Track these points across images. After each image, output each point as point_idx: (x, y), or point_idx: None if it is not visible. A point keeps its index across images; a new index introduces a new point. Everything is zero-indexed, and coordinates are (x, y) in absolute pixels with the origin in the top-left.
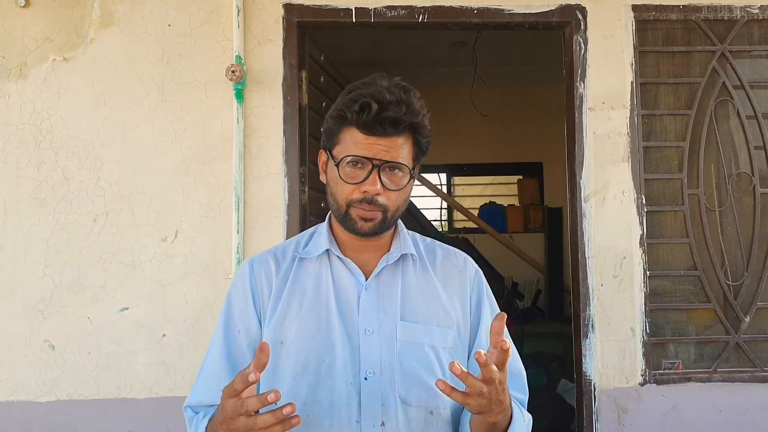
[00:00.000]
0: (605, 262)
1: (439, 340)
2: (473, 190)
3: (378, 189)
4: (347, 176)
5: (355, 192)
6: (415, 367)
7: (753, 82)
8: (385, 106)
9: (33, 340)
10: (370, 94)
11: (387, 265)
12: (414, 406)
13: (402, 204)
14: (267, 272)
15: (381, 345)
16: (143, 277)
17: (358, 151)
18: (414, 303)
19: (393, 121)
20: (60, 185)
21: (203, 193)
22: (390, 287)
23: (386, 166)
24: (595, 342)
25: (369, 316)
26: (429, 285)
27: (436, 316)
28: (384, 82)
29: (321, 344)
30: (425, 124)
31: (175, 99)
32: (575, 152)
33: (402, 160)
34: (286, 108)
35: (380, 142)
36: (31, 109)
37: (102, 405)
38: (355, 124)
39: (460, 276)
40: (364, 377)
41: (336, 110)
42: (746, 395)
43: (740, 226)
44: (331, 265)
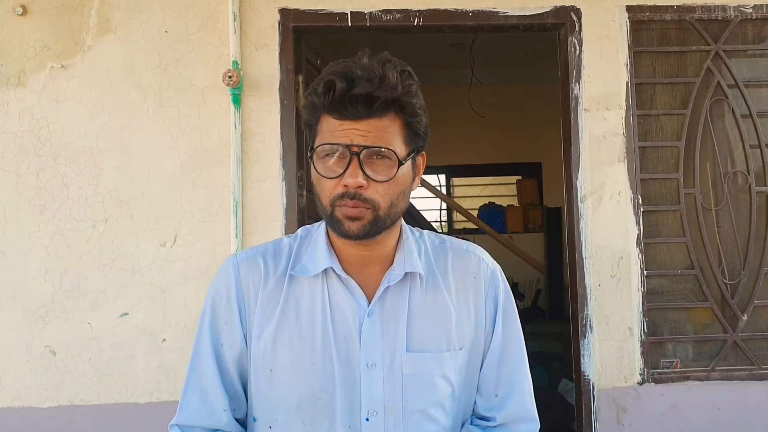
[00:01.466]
0: (602, 262)
1: (450, 366)
2: (472, 190)
3: (359, 180)
4: (325, 170)
5: (337, 187)
6: (421, 405)
7: (747, 81)
8: (354, 82)
9: (34, 346)
10: (338, 71)
11: (391, 285)
12: None
13: (397, 199)
14: (255, 280)
15: (385, 381)
16: (143, 282)
17: (332, 138)
18: (422, 328)
19: (365, 99)
20: (59, 192)
21: (202, 198)
22: (395, 311)
23: (368, 152)
24: (593, 342)
25: (372, 348)
26: (439, 302)
27: (446, 339)
28: (365, 59)
29: (316, 379)
30: (410, 99)
31: (172, 105)
32: (571, 153)
33: (386, 144)
34: (283, 112)
35: (357, 126)
36: (30, 116)
37: (103, 410)
38: (324, 109)
39: (474, 282)
40: (365, 418)
41: (306, 97)
42: (744, 393)
43: (737, 225)
44: (328, 284)
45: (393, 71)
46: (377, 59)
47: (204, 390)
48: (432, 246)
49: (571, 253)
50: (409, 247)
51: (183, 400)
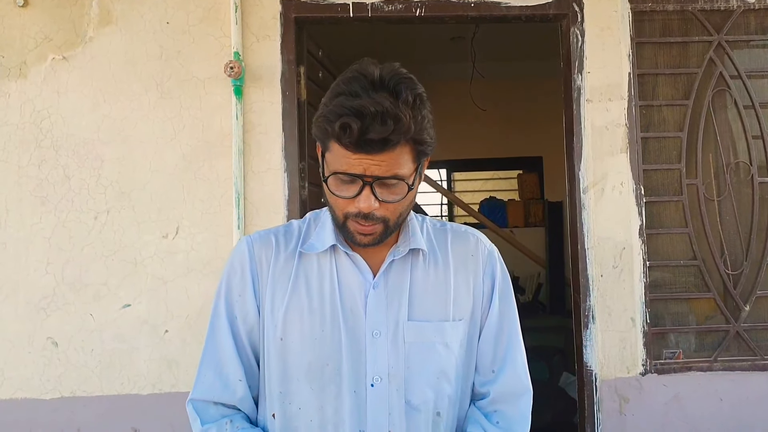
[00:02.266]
0: (605, 253)
1: (451, 335)
2: (473, 185)
3: (373, 205)
4: (338, 190)
5: (350, 206)
6: (423, 370)
7: (750, 72)
8: (369, 124)
9: (36, 337)
10: (352, 108)
11: (395, 261)
12: (422, 411)
13: (405, 210)
14: (267, 255)
15: (389, 348)
16: (145, 273)
17: (347, 167)
18: (423, 300)
19: (381, 141)
20: (61, 183)
21: (203, 190)
22: (399, 285)
23: (381, 181)
24: (595, 332)
25: (377, 318)
26: (439, 276)
27: (446, 311)
28: (375, 74)
29: (324, 347)
30: (423, 136)
31: (174, 96)
32: (573, 144)
33: (399, 172)
34: (284, 104)
35: (371, 158)
36: (32, 108)
37: (105, 401)
38: (339, 144)
39: (472, 260)
40: (371, 384)
41: (318, 120)
42: (747, 383)
43: (739, 216)
44: (336, 260)
45: (407, 109)
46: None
47: (219, 362)
48: (433, 228)
49: (573, 244)
50: (413, 227)
51: (198, 376)
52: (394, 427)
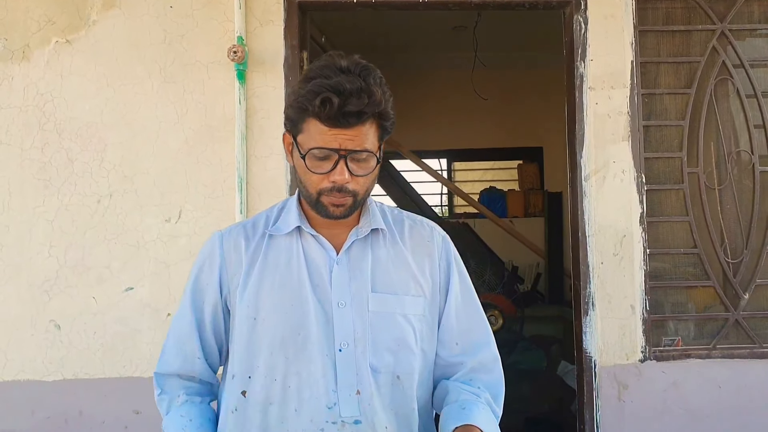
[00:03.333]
0: (605, 241)
1: (411, 308)
2: (473, 175)
3: (346, 178)
4: (314, 167)
5: (324, 181)
6: (385, 337)
7: (753, 61)
8: (347, 98)
9: (39, 320)
10: (331, 86)
11: (357, 240)
12: (382, 373)
13: (371, 184)
14: (237, 247)
15: (354, 317)
16: (148, 257)
17: (323, 142)
18: (385, 274)
19: (356, 113)
20: (64, 167)
21: (206, 174)
22: (361, 261)
23: (353, 154)
24: (595, 319)
25: (342, 290)
26: (399, 256)
27: (406, 285)
28: (343, 62)
29: (295, 318)
30: (389, 110)
31: (177, 80)
32: (576, 131)
33: (368, 146)
34: (287, 88)
35: (345, 133)
36: (35, 91)
37: (108, 384)
38: (316, 117)
39: (427, 245)
40: (339, 349)
41: (296, 101)
42: (745, 371)
43: (739, 205)
44: (302, 241)
45: (377, 86)
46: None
47: (180, 340)
48: (391, 213)
49: (574, 231)
50: (372, 209)
51: (162, 351)
52: (362, 386)
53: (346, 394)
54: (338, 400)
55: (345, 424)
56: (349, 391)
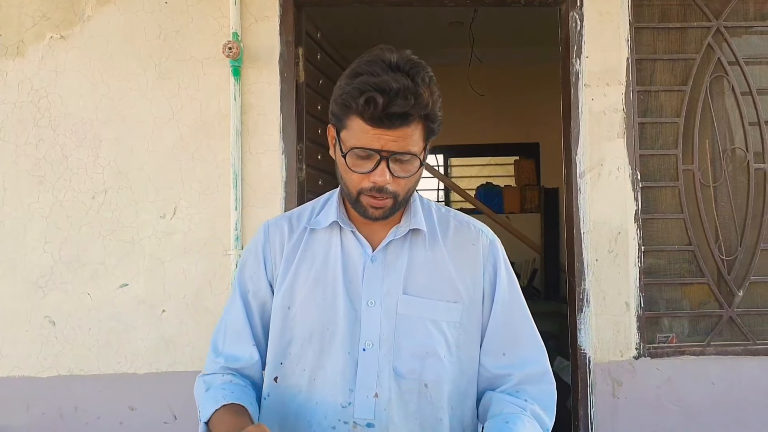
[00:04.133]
0: (600, 238)
1: (443, 315)
2: (470, 171)
3: (387, 179)
4: (355, 166)
5: (364, 181)
6: (411, 341)
7: (748, 58)
8: (392, 99)
9: (33, 316)
10: (376, 85)
11: (395, 239)
12: (407, 379)
13: (413, 185)
14: (281, 236)
15: (381, 317)
16: (143, 253)
17: (365, 142)
18: (419, 277)
19: (401, 115)
20: (59, 163)
21: (201, 171)
22: (396, 260)
23: (396, 156)
24: (590, 316)
25: (373, 288)
26: (437, 259)
27: (441, 290)
28: (392, 57)
29: (326, 312)
30: (436, 111)
31: (172, 76)
32: (571, 128)
33: (412, 148)
34: (282, 85)
35: (389, 133)
36: (29, 87)
37: (102, 380)
38: (360, 116)
39: (472, 248)
40: (363, 348)
41: (341, 97)
42: (739, 368)
43: (734, 202)
44: (342, 235)
45: (425, 88)
46: (405, 61)
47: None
48: (437, 213)
49: (569, 228)
50: (415, 208)
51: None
52: (380, 390)
53: (363, 396)
54: (354, 400)
55: (357, 425)
56: (366, 393)
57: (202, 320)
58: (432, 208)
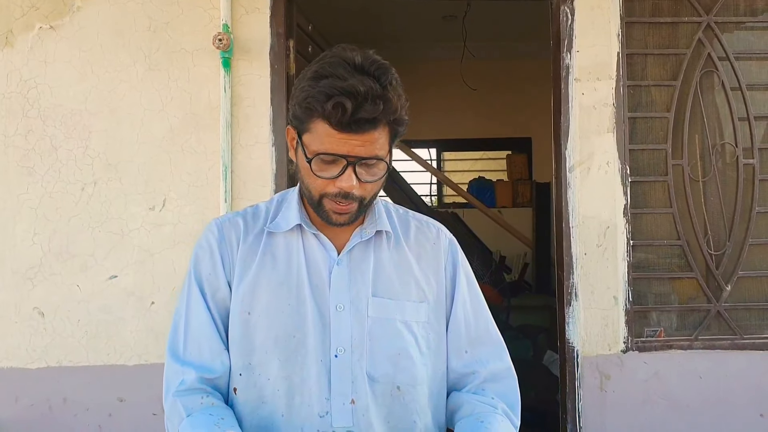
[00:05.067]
0: (589, 232)
1: (412, 315)
2: (463, 165)
3: (353, 185)
4: (320, 171)
5: (329, 186)
6: (384, 344)
7: (738, 54)
8: (360, 104)
9: (22, 307)
10: (343, 89)
11: (360, 242)
12: (381, 383)
13: (379, 189)
14: (236, 235)
15: (352, 322)
16: (132, 245)
17: (330, 147)
18: (386, 279)
19: (370, 121)
20: (48, 154)
21: (191, 163)
22: (362, 263)
23: (363, 161)
24: (578, 310)
25: (340, 293)
26: (402, 260)
27: (408, 291)
28: (357, 59)
29: (291, 319)
30: (404, 116)
31: (162, 68)
32: (561, 122)
33: (379, 152)
34: (273, 77)
35: (355, 138)
36: (18, 77)
37: (91, 372)
38: (326, 120)
39: (433, 248)
40: (335, 354)
41: (305, 101)
42: (726, 362)
43: (723, 197)
44: (303, 238)
45: (393, 91)
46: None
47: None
48: (397, 214)
49: (558, 222)
50: (378, 209)
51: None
52: (357, 396)
53: (340, 403)
54: (331, 409)
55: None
56: (342, 400)
57: None
58: (390, 209)
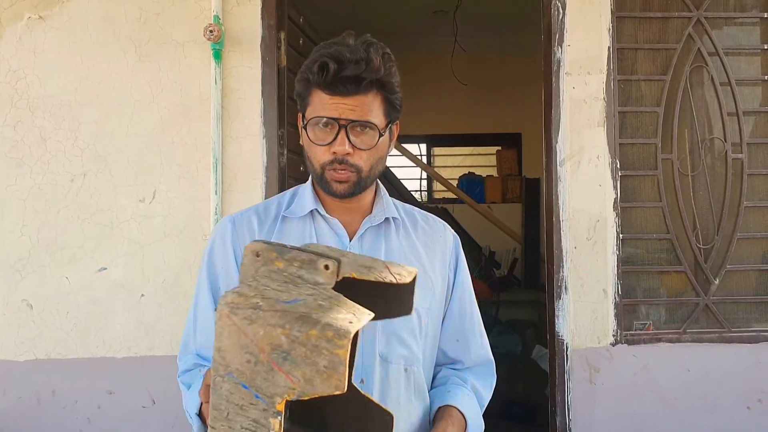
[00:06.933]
0: (579, 225)
1: (420, 301)
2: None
3: (346, 149)
4: (316, 138)
5: (326, 154)
6: (396, 327)
7: (727, 49)
8: (344, 64)
9: (10, 299)
10: (330, 54)
11: (370, 228)
12: (393, 364)
13: (377, 163)
14: (250, 229)
15: None
16: (121, 237)
17: (324, 111)
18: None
19: (354, 79)
20: (37, 145)
21: (181, 155)
22: (373, 250)
23: (354, 125)
24: (568, 303)
25: None
26: (412, 248)
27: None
28: (350, 40)
29: None
30: (391, 79)
31: (152, 59)
32: (552, 116)
33: (370, 118)
34: (264, 69)
35: (346, 102)
36: (7, 67)
37: (81, 364)
38: (318, 86)
39: (440, 241)
40: None
41: (301, 74)
42: (714, 355)
43: (712, 191)
44: (315, 225)
45: (376, 55)
46: (361, 41)
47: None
48: (403, 207)
49: (548, 215)
50: (386, 199)
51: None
52: (366, 375)
53: None
54: None
55: None
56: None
57: (181, 305)
58: (396, 203)
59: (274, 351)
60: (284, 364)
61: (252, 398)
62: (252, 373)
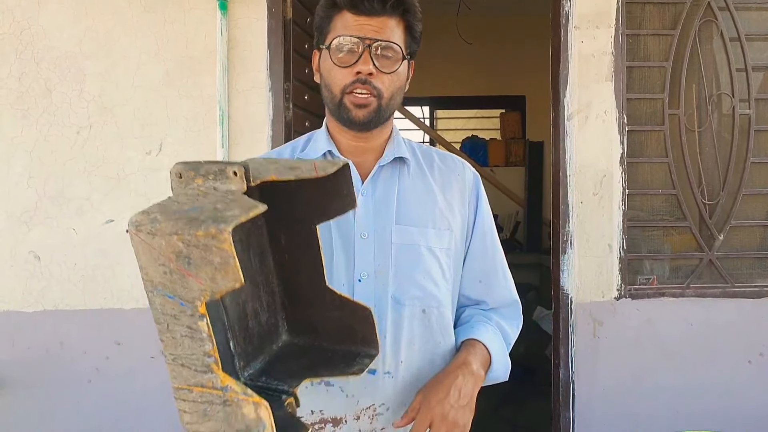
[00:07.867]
0: (586, 180)
1: (436, 242)
2: (456, 123)
3: (371, 68)
4: (339, 60)
5: (348, 75)
6: (409, 269)
7: (738, 3)
8: None
9: (18, 251)
10: None
11: (383, 169)
12: (407, 306)
13: (396, 92)
14: None
15: (375, 249)
16: (128, 189)
17: (348, 31)
18: (410, 206)
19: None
20: (42, 97)
21: (187, 107)
22: (386, 191)
23: (378, 46)
24: (573, 257)
25: (364, 221)
26: (426, 188)
27: (432, 218)
28: None
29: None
30: (414, 4)
31: (158, 10)
32: (560, 71)
33: (395, 39)
34: (270, 21)
35: (370, 22)
36: (11, 18)
37: (88, 315)
38: (344, 5)
39: (458, 180)
40: (358, 279)
41: (323, 3)
42: (716, 310)
43: (718, 147)
44: None
45: None
46: None
47: None
48: (419, 148)
49: (555, 171)
50: (398, 140)
51: None
52: (380, 318)
53: None
54: None
55: None
56: None
57: None
58: (414, 144)
59: (178, 258)
60: (190, 268)
61: (179, 306)
62: (171, 283)
